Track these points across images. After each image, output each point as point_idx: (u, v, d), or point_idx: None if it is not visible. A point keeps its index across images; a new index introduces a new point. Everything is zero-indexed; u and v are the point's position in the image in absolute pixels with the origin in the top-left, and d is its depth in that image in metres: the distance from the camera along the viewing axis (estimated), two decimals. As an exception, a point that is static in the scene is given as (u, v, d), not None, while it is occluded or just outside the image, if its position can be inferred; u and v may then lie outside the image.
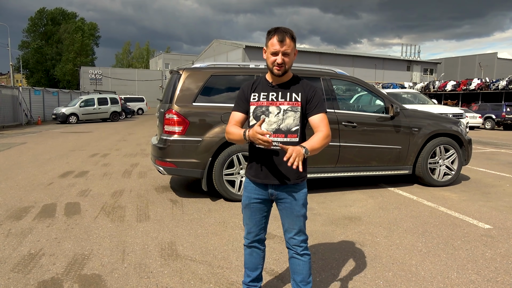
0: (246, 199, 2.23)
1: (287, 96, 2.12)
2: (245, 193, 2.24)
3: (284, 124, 2.10)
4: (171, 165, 4.89)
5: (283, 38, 2.00)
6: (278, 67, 2.05)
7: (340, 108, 5.40)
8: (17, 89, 21.58)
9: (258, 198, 2.20)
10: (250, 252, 2.32)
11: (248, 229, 2.28)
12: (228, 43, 47.23)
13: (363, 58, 48.63)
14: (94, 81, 54.45)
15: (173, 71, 5.52)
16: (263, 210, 2.24)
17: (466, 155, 6.12)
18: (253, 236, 2.27)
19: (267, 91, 2.15)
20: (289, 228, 2.20)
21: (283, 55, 2.02)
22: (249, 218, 2.24)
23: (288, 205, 2.17)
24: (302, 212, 2.18)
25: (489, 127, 21.40)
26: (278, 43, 2.01)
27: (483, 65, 48.30)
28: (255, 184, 2.19)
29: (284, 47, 2.01)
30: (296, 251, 2.21)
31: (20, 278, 2.85)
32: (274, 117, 2.10)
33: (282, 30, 2.03)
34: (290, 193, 2.15)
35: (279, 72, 2.06)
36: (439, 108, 12.57)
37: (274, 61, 2.04)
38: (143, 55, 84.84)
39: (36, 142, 12.05)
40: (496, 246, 3.54)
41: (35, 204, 4.84)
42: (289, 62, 2.06)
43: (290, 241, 2.21)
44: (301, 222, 2.19)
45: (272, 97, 2.12)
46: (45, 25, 66.08)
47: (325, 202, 5.04)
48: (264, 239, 2.34)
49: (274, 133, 2.09)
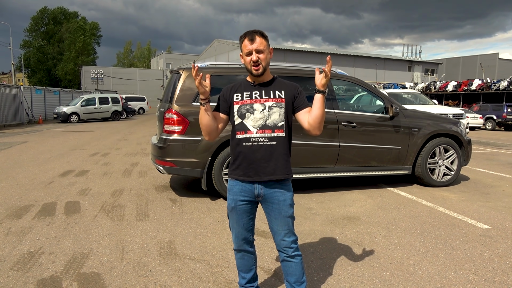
0: (231, 202, 2.20)
1: (270, 94, 2.16)
2: (230, 196, 2.21)
3: (271, 120, 2.12)
4: (171, 164, 4.91)
5: (253, 37, 2.09)
6: (255, 66, 2.10)
7: (339, 108, 5.41)
8: (19, 88, 21.64)
9: (244, 200, 2.18)
10: (241, 256, 2.31)
11: (235, 233, 2.25)
12: (229, 43, 47.26)
13: (364, 58, 48.62)
14: (95, 81, 54.51)
15: (173, 70, 5.54)
16: (250, 212, 2.22)
17: (465, 156, 6.12)
18: (241, 239, 2.25)
19: (250, 90, 2.19)
20: (278, 230, 2.18)
21: (256, 52, 2.09)
22: (236, 221, 2.22)
23: (276, 205, 2.16)
24: (290, 212, 2.17)
25: (490, 128, 21.38)
26: (249, 42, 2.09)
27: (484, 66, 48.24)
28: (241, 185, 2.18)
29: (255, 44, 2.08)
30: (287, 253, 2.19)
31: (20, 276, 2.87)
32: (259, 114, 2.12)
33: (251, 31, 2.12)
34: (278, 193, 2.15)
35: (257, 71, 2.12)
36: (440, 109, 12.57)
37: (250, 61, 2.10)
38: (145, 55, 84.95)
39: (37, 141, 12.08)
40: (494, 246, 3.55)
41: (35, 202, 4.86)
42: (265, 59, 2.11)
43: (280, 244, 2.19)
44: (290, 223, 2.18)
45: (255, 95, 2.16)
46: (47, 25, 66.17)
47: (324, 202, 5.05)
48: (253, 241, 2.32)
49: (260, 129, 2.11)
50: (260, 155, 2.11)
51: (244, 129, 2.12)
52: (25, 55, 64.07)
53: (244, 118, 2.13)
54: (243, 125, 2.13)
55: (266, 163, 2.11)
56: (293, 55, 41.89)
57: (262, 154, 2.11)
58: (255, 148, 2.11)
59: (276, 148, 2.12)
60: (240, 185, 2.18)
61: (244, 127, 2.12)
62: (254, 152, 2.12)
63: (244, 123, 2.13)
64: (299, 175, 5.21)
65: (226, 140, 4.86)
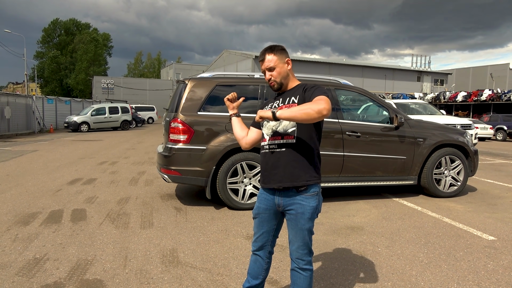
0: (255, 209, 2.28)
1: (286, 100, 2.20)
2: (257, 203, 2.30)
3: (281, 126, 2.14)
4: (176, 173, 4.96)
5: (263, 57, 2.21)
6: (270, 83, 2.24)
7: (344, 118, 5.42)
8: (31, 98, 22.05)
9: (266, 208, 2.22)
10: (254, 260, 2.33)
11: (255, 237, 2.30)
12: (238, 54, 47.65)
13: (372, 68, 48.56)
14: (106, 91, 55.29)
15: (179, 80, 5.63)
16: (271, 223, 2.25)
17: (472, 166, 6.07)
18: (258, 245, 2.29)
19: (273, 101, 2.30)
20: (292, 239, 2.16)
21: (268, 71, 2.20)
22: (257, 227, 2.28)
23: (293, 216, 2.12)
24: (307, 226, 2.12)
25: (501, 139, 21.10)
26: (260, 63, 2.22)
27: (494, 76, 47.82)
28: (265, 193, 2.23)
29: (265, 63, 2.20)
30: (298, 265, 2.15)
31: (24, 282, 2.92)
32: (272, 122, 2.16)
33: (264, 49, 2.22)
34: (297, 204, 2.11)
35: (273, 87, 2.24)
36: (447, 119, 12.47)
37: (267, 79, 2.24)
38: (155, 65, 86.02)
39: (47, 150, 12.28)
40: (499, 258, 3.51)
41: (43, 210, 4.94)
42: (278, 75, 2.19)
43: (293, 253, 2.17)
44: (306, 236, 2.13)
45: (275, 104, 2.25)
46: (59, 36, 67.60)
47: (328, 211, 5.04)
48: (271, 252, 2.33)
49: (272, 136, 2.16)
50: (271, 162, 2.16)
51: (263, 138, 2.25)
52: (39, 65, 65.33)
53: (262, 127, 2.23)
54: (262, 134, 2.26)
55: (275, 169, 2.14)
56: (302, 66, 42.02)
57: (273, 161, 2.15)
58: (268, 156, 2.18)
59: (285, 154, 2.11)
60: (265, 194, 2.24)
61: (263, 136, 2.25)
62: (267, 159, 2.19)
63: (263, 132, 2.24)
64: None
65: (230, 149, 4.90)
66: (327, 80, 5.71)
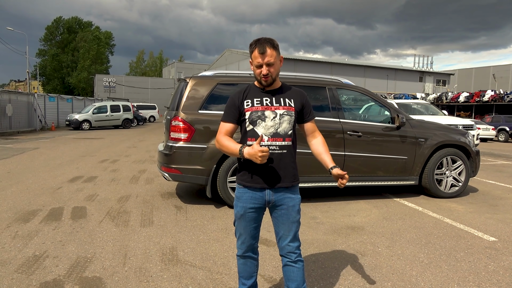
0: (241, 210, 2.19)
1: (281, 101, 2.17)
2: (240, 203, 2.20)
3: (282, 128, 2.13)
4: (176, 171, 4.95)
5: (264, 50, 2.06)
6: (265, 78, 2.11)
7: (345, 118, 5.41)
8: (33, 96, 22.10)
9: (254, 207, 2.18)
10: (244, 262, 2.31)
11: (242, 240, 2.25)
12: (240, 53, 47.61)
13: (375, 68, 48.46)
14: (108, 89, 55.33)
15: (180, 79, 5.62)
16: (258, 220, 2.23)
17: (474, 167, 6.05)
18: (247, 246, 2.25)
19: (260, 96, 2.18)
20: (284, 234, 2.20)
21: (267, 65, 2.08)
22: (244, 228, 2.22)
23: (285, 211, 2.18)
24: (297, 218, 2.21)
25: (503, 139, 21.04)
26: (259, 55, 2.07)
27: (497, 77, 47.66)
28: (251, 192, 2.17)
29: (266, 58, 2.07)
30: (291, 259, 2.20)
31: (23, 279, 2.91)
32: (270, 121, 2.13)
33: (263, 41, 2.08)
34: (287, 198, 2.18)
35: (266, 82, 2.13)
36: (449, 119, 12.43)
37: (260, 73, 2.11)
38: (156, 64, 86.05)
39: (49, 148, 12.29)
40: (500, 259, 3.49)
41: (43, 207, 4.94)
42: (275, 71, 2.12)
43: (285, 248, 2.21)
44: (296, 228, 2.21)
45: (266, 102, 2.16)
46: (61, 34, 67.67)
47: (328, 211, 5.03)
48: (257, 247, 2.33)
49: (272, 137, 2.12)
50: (271, 163, 2.13)
51: (255, 136, 2.11)
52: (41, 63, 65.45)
53: (255, 125, 2.13)
54: (255, 132, 2.12)
55: (277, 171, 2.14)
56: (304, 65, 41.99)
57: (273, 162, 2.13)
58: None
59: (286, 156, 2.14)
60: (250, 193, 2.17)
61: (255, 134, 2.12)
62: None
63: (256, 130, 2.12)
64: (304, 184, 5.20)
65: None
66: (328, 79, 5.69)
